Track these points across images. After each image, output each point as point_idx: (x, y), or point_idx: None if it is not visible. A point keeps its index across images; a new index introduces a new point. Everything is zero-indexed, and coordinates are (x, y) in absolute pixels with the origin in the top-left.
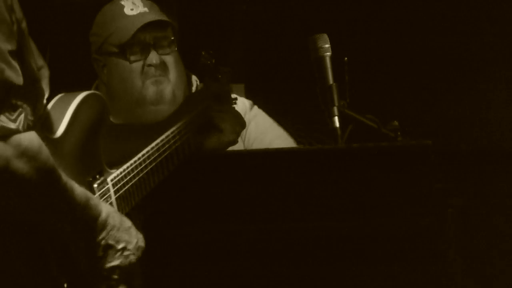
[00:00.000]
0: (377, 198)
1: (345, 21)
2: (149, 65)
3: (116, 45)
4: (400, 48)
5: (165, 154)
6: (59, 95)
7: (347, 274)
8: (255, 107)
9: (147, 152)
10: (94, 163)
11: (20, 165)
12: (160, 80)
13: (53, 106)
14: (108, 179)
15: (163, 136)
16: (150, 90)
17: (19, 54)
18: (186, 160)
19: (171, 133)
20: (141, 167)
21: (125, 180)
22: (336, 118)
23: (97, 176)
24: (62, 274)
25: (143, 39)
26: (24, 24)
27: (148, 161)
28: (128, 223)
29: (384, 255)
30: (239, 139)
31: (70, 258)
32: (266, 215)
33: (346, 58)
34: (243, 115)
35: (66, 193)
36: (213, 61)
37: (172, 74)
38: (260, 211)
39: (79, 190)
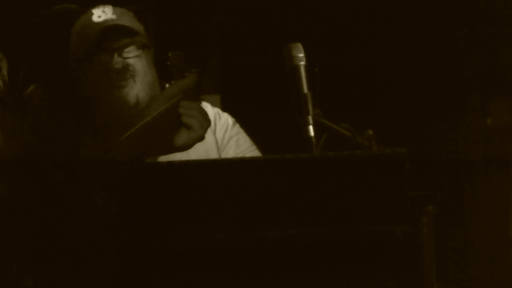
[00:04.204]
0: (351, 206)
1: (320, 31)
2: (111, 70)
3: (82, 51)
4: (374, 56)
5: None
6: None
7: (320, 283)
8: (237, 125)
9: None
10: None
11: None
12: (123, 85)
13: None
14: None
15: (133, 130)
16: (113, 96)
17: None
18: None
19: (140, 127)
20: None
21: None
22: (311, 127)
23: None
24: (26, 273)
25: (106, 44)
26: None
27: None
28: None
29: (358, 263)
30: (215, 147)
31: (37, 256)
32: (239, 223)
33: (316, 69)
34: (224, 130)
35: None
36: (181, 61)
37: (138, 77)
38: (233, 219)
39: None
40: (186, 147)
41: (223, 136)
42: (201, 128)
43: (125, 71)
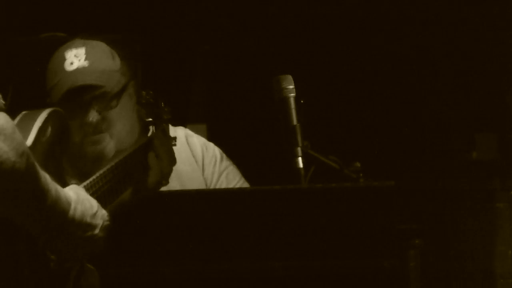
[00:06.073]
0: (339, 239)
1: (307, 62)
2: (86, 123)
3: (56, 100)
4: (361, 90)
5: (115, 179)
6: (23, 112)
7: None
8: (225, 158)
9: (104, 173)
10: (57, 176)
11: None
12: (99, 140)
13: (19, 121)
14: None
15: (112, 163)
16: (89, 149)
17: None
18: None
19: (119, 161)
20: (98, 185)
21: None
22: (300, 159)
23: None
24: (32, 273)
25: (79, 99)
26: None
27: (104, 181)
28: (94, 207)
29: None
30: (202, 179)
31: (40, 255)
32: (226, 254)
33: (302, 101)
34: (213, 165)
35: (40, 181)
36: (154, 100)
37: (115, 128)
38: (219, 249)
39: (49, 179)
40: (157, 187)
41: (212, 171)
42: (158, 174)
43: (102, 125)
